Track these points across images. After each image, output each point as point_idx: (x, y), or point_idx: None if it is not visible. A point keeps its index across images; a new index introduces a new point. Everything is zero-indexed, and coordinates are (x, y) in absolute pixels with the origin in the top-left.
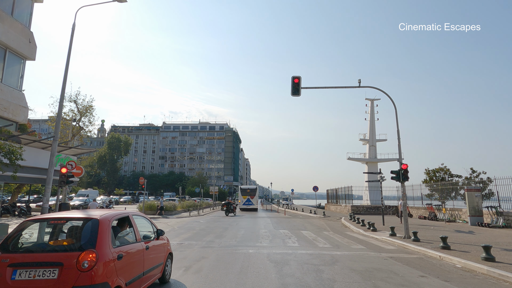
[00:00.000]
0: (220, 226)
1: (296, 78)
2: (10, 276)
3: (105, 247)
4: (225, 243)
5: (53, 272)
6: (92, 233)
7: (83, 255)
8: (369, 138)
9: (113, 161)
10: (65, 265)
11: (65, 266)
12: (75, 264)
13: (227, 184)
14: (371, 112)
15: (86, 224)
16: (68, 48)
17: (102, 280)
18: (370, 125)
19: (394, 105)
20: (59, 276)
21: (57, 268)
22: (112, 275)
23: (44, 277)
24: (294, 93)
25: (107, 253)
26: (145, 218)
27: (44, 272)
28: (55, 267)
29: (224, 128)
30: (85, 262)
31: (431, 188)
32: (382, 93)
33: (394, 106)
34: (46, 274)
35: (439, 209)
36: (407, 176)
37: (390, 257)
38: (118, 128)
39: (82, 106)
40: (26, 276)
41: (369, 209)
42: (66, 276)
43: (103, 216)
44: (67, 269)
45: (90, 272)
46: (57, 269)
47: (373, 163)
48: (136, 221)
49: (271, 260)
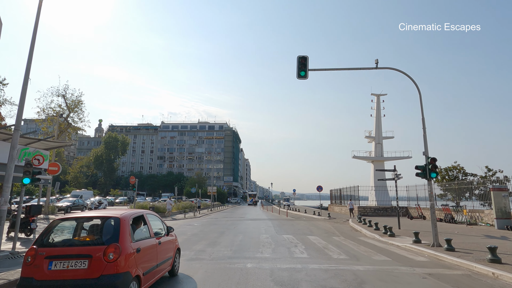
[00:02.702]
0: (215, 230)
1: (303, 58)
2: (47, 267)
3: (127, 242)
4: (218, 253)
5: (84, 263)
6: (115, 229)
7: (109, 248)
8: (375, 135)
9: (110, 161)
10: (94, 257)
11: (94, 258)
12: (102, 256)
13: (227, 184)
14: (377, 108)
15: (109, 222)
16: (36, 17)
17: (124, 269)
18: (376, 122)
19: (418, 88)
20: (89, 266)
21: (87, 259)
22: (133, 266)
23: (76, 267)
24: (300, 74)
25: (128, 247)
26: (157, 216)
27: (76, 263)
28: (85, 258)
29: (224, 127)
30: (111, 254)
31: (444, 188)
32: (404, 75)
33: (418, 89)
34: (78, 264)
35: (457, 210)
36: (435, 171)
37: (429, 275)
38: (116, 127)
39: (70, 101)
40: (60, 266)
41: (377, 210)
42: (95, 266)
43: (123, 214)
44: (96, 260)
45: (115, 263)
46: (87, 260)
47: (380, 162)
48: (149, 219)
49: (276, 281)
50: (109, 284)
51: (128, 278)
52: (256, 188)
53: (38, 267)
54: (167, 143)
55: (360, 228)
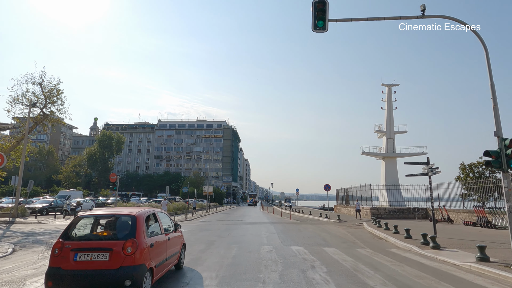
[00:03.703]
0: (203, 239)
1: (321, 1)
2: (73, 258)
3: (142, 237)
4: (194, 285)
5: (105, 255)
6: (132, 226)
7: (127, 243)
8: (387, 130)
9: (104, 160)
10: (114, 250)
11: (114, 251)
12: (121, 250)
13: (226, 184)
14: (388, 100)
15: (126, 219)
16: None
17: (140, 262)
18: (387, 115)
19: (483, 43)
20: (110, 258)
21: (108, 252)
22: (147, 259)
23: (99, 259)
24: (317, 25)
25: (143, 242)
26: (166, 214)
27: (98, 255)
28: (106, 251)
29: (223, 126)
30: (129, 248)
31: (467, 187)
32: (461, 24)
33: (483, 44)
34: (100, 256)
35: (494, 212)
36: None
37: None
38: (111, 126)
39: (48, 90)
40: (84, 258)
41: (392, 212)
42: (115, 258)
43: (138, 212)
44: (116, 253)
45: (132, 256)
46: (108, 253)
47: (391, 158)
48: (160, 217)
49: None
50: (127, 274)
51: (143, 270)
52: (256, 188)
53: (64, 258)
54: (164, 142)
55: (383, 235)
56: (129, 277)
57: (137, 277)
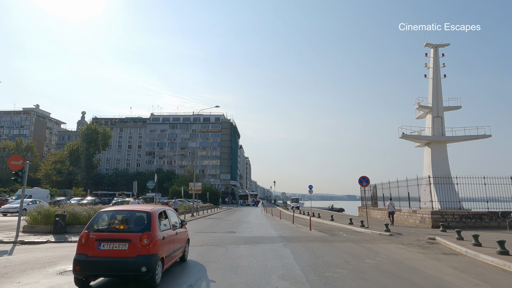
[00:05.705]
0: None
1: None
2: (97, 247)
3: (156, 231)
4: None
5: (125, 245)
6: (148, 221)
7: (143, 235)
8: (433, 105)
9: (88, 156)
10: (132, 241)
11: (132, 242)
12: (139, 241)
13: (224, 183)
14: (434, 65)
15: (142, 215)
16: None
17: (154, 252)
18: (433, 85)
19: None
20: (129, 248)
21: (127, 243)
22: (160, 250)
23: (119, 248)
24: None
25: (157, 235)
26: (174, 212)
27: (119, 245)
28: (126, 242)
29: (220, 119)
30: (145, 240)
31: None
32: None
33: None
34: (120, 246)
35: None
36: None
37: None
38: (100, 120)
39: None
40: (107, 247)
41: (465, 218)
42: (133, 248)
43: (153, 210)
44: (133, 244)
45: (148, 246)
46: (127, 243)
47: (441, 143)
48: (169, 214)
49: None
50: (143, 262)
51: (156, 259)
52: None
53: (90, 246)
54: (157, 137)
55: None
56: (145, 264)
57: (152, 265)
